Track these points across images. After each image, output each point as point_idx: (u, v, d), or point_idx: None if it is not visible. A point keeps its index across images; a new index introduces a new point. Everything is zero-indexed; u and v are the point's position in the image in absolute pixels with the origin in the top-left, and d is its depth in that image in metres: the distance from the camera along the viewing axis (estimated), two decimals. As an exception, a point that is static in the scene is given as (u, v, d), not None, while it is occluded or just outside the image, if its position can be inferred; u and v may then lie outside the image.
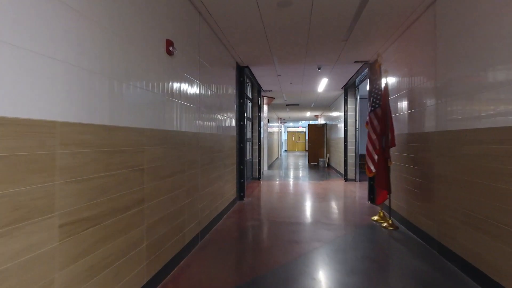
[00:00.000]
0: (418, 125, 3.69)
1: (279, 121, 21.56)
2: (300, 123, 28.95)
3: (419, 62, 3.68)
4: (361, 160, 10.68)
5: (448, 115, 2.99)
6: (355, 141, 8.59)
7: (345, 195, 6.65)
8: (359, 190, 7.17)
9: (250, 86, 8.68)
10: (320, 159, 14.33)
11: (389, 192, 4.21)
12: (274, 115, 17.36)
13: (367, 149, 4.63)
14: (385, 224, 4.21)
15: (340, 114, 10.36)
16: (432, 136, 3.31)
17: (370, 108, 4.58)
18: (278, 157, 19.65)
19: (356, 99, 8.56)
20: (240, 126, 5.96)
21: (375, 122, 4.50)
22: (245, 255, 3.21)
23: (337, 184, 8.16)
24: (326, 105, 13.17)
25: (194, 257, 3.14)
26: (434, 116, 3.28)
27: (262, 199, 6.21)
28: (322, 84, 8.15)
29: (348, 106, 8.72)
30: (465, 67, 2.69)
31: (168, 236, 2.70)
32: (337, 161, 10.96)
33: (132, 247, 2.09)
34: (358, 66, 6.06)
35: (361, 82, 8.21)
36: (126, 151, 2.00)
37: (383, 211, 4.57)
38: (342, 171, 9.51)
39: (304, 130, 31.69)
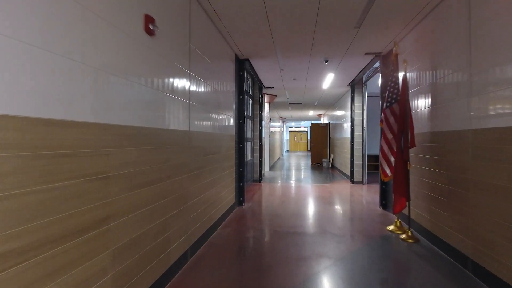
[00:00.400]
0: (445, 122, 3.17)
1: (280, 121, 21.04)
2: (302, 122, 28.42)
3: (445, 49, 3.15)
4: (369, 161, 10.15)
5: (489, 110, 2.46)
6: (363, 141, 8.06)
7: (353, 199, 6.13)
8: (368, 194, 6.64)
9: (251, 83, 8.17)
10: (323, 160, 13.80)
11: (408, 199, 3.69)
12: (276, 114, 16.84)
13: (382, 150, 4.11)
14: (403, 236, 3.69)
15: (346, 113, 9.84)
16: (466, 134, 2.79)
17: (385, 104, 4.06)
18: (280, 158, 19.14)
19: (363, 96, 8.03)
20: (240, 125, 5.45)
21: (392, 119, 3.97)
22: (242, 277, 2.69)
23: (343, 187, 7.63)
24: (330, 103, 12.65)
25: (181, 280, 2.63)
26: (467, 111, 2.76)
27: (263, 204, 5.69)
28: (328, 80, 7.63)
29: (355, 104, 8.19)
30: (516, 49, 2.16)
31: (146, 259, 2.19)
32: (342, 162, 10.43)
33: (89, 282, 1.58)
34: (369, 58, 5.54)
35: (369, 78, 7.69)
36: (79, 155, 1.49)
37: (400, 220, 4.04)
38: (348, 173, 8.98)
39: (306, 130, 31.22)
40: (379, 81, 5.27)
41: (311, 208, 5.32)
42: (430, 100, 3.53)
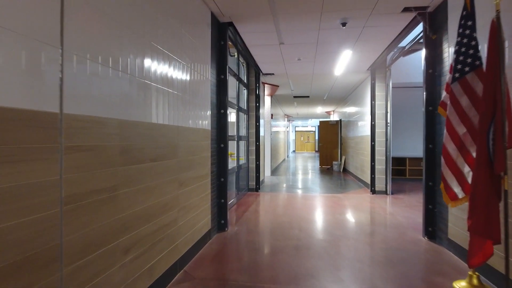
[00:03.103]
0: None
1: (286, 119, 19.36)
2: (309, 121, 26.68)
3: None
4: (393, 165, 8.44)
5: None
6: (386, 140, 6.38)
7: (380, 220, 4.46)
8: (398, 211, 4.96)
9: (245, 68, 6.56)
10: (334, 162, 12.09)
11: (496, 242, 2.04)
12: (280, 111, 15.17)
13: (446, 154, 2.44)
14: (493, 311, 2.03)
15: (361, 108, 8.18)
16: None
17: (452, 76, 2.41)
18: (285, 159, 17.47)
19: (387, 83, 6.36)
20: (220, 117, 3.84)
21: (465, 101, 2.32)
22: None
23: (363, 200, 5.95)
24: (342, 97, 10.95)
25: None
26: None
27: (254, 226, 4.07)
28: (343, 62, 5.96)
29: (376, 93, 6.52)
30: None
31: None
32: (358, 165, 8.73)
33: None
34: (406, 19, 3.87)
35: (393, 61, 6.05)
36: None
37: (477, 274, 2.38)
38: (364, 179, 7.33)
39: (314, 130, 29.60)
40: (423, 54, 3.60)
41: (320, 235, 3.67)
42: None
